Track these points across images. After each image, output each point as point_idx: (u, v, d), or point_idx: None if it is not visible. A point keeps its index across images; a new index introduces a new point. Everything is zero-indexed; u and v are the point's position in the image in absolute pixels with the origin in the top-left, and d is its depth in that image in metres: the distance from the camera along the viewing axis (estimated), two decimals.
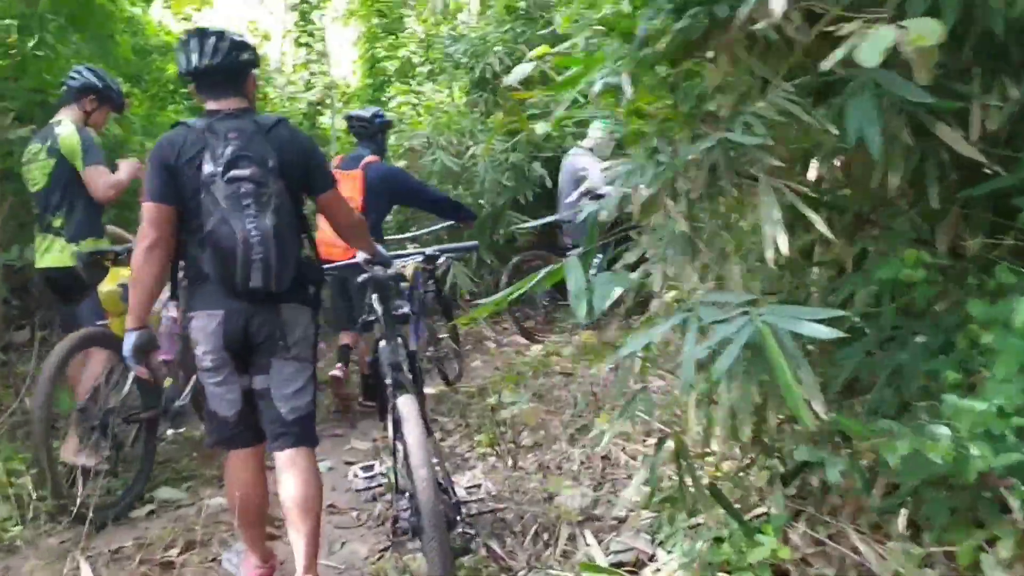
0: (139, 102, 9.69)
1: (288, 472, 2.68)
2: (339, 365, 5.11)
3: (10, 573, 3.10)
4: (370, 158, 5.06)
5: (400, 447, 2.76)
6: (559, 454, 3.90)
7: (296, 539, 2.65)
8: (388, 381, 2.86)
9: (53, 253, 4.05)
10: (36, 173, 4.02)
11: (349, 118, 5.30)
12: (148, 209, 2.62)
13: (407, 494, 2.71)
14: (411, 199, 5.47)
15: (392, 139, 8.30)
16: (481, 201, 7.77)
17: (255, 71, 2.83)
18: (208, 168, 2.54)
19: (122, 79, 9.41)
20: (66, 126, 4.01)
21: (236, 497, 2.76)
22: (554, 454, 3.91)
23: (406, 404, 2.70)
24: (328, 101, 9.60)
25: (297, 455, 2.70)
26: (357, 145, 5.25)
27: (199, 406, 3.97)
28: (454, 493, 2.90)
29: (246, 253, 2.52)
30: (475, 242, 4.02)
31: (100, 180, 3.98)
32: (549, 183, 7.58)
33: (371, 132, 5.15)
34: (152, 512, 3.74)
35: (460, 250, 4.06)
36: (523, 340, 6.91)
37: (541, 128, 2.93)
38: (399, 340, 3.02)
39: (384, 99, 10.19)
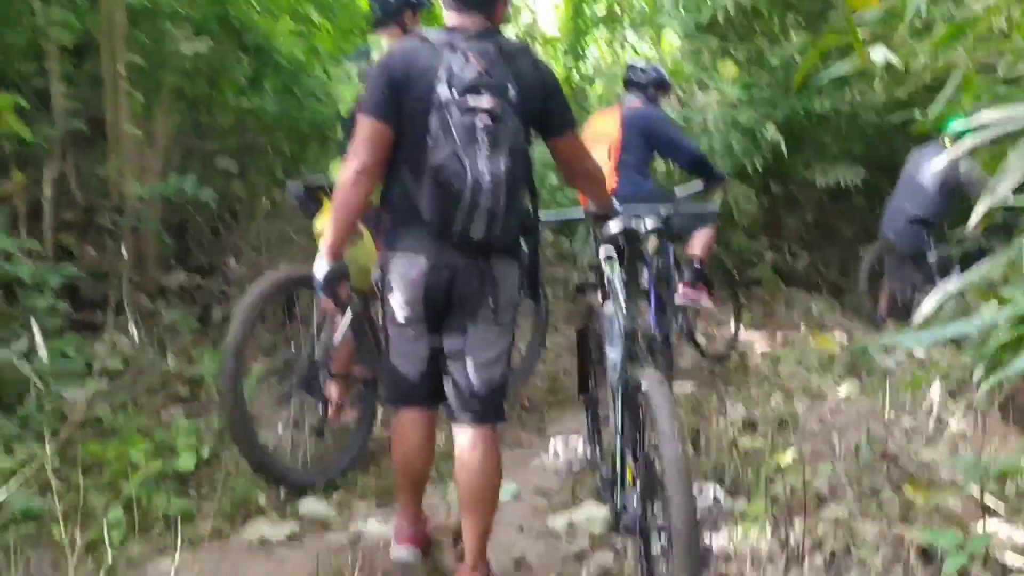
0: (327, 35, 9.21)
1: (468, 452, 2.45)
2: None
3: None
4: (633, 103, 4.89)
5: (629, 433, 2.45)
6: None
7: (467, 528, 2.47)
8: (615, 354, 2.51)
9: None
10: (347, 96, 3.78)
11: (629, 67, 5.13)
12: (365, 127, 2.36)
13: (636, 492, 2.38)
14: (669, 148, 4.93)
15: (599, 88, 7.25)
16: None
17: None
18: (442, 91, 2.26)
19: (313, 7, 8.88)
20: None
21: (400, 458, 2.61)
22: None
23: (653, 381, 2.29)
24: None
25: (480, 434, 2.45)
26: (625, 93, 5.04)
27: None
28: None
29: (474, 198, 2.26)
30: (715, 208, 3.67)
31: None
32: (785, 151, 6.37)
33: (643, 83, 4.94)
34: (293, 536, 2.86)
35: (698, 217, 3.83)
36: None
37: (879, 56, 2.48)
38: (636, 307, 2.68)
39: (582, 49, 9.25)
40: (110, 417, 3.15)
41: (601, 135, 4.72)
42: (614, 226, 2.69)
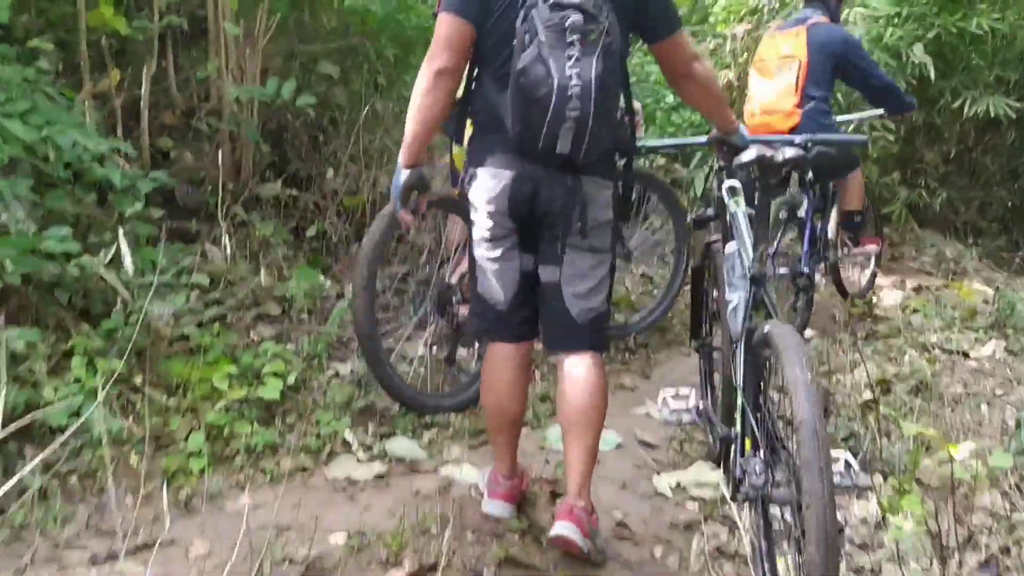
0: None
1: (573, 379, 2.29)
2: None
3: None
4: (818, 19, 4.30)
5: (751, 390, 2.20)
6: None
7: (571, 455, 2.30)
8: (737, 299, 2.29)
9: None
10: None
11: None
12: (445, 24, 2.17)
13: (759, 458, 2.08)
14: (857, 77, 4.40)
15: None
16: None
17: None
18: None
19: None
20: None
21: (490, 398, 2.43)
22: None
23: (783, 332, 2.03)
24: None
25: (585, 361, 2.29)
26: (804, 7, 4.50)
27: None
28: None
29: (560, 107, 2.02)
30: (863, 136, 3.39)
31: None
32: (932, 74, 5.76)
33: None
34: (380, 477, 2.68)
35: (842, 143, 3.51)
36: None
37: None
38: (764, 249, 2.36)
39: None
40: (197, 335, 2.99)
41: (785, 60, 4.23)
42: (746, 155, 2.39)
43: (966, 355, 4.02)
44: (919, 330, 4.32)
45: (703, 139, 2.82)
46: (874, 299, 4.95)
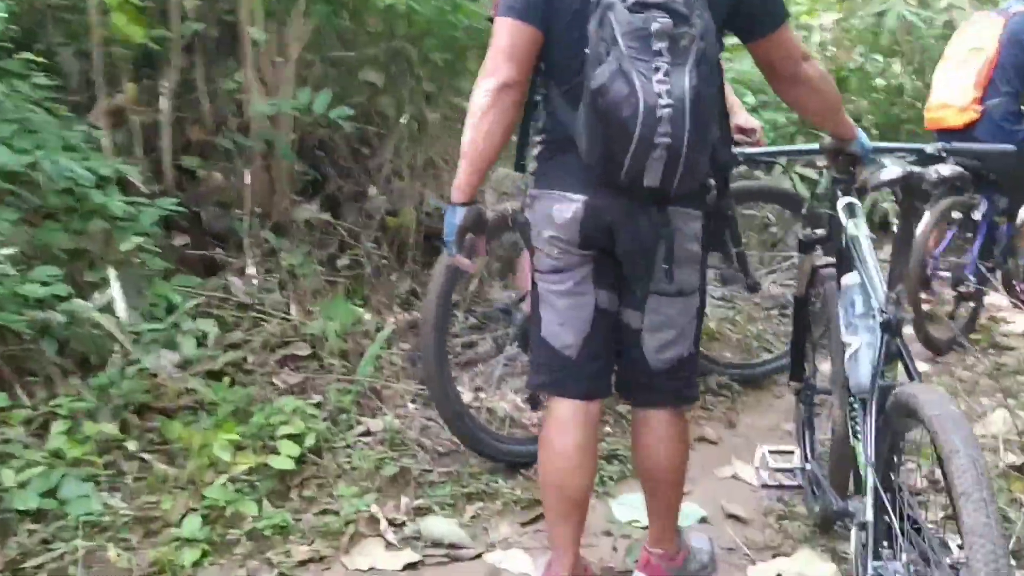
0: None
1: (653, 437, 2.04)
2: None
3: None
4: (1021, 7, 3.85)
5: (885, 469, 1.79)
6: None
7: (650, 507, 2.11)
8: (860, 347, 1.94)
9: None
10: None
11: None
12: (507, 30, 1.83)
13: (901, 563, 1.66)
14: None
15: None
16: None
17: None
18: None
19: None
20: None
21: (550, 470, 2.04)
22: None
23: (932, 401, 1.60)
24: None
25: (668, 418, 2.04)
26: None
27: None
28: None
29: (647, 130, 1.65)
30: (1009, 145, 2.70)
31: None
32: None
33: None
34: (413, 567, 2.21)
35: (984, 152, 2.91)
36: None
37: None
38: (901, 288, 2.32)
39: None
40: (205, 389, 2.58)
41: (973, 52, 3.84)
42: (888, 173, 2.09)
43: None
44: None
45: (813, 146, 2.40)
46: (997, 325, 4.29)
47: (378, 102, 4.49)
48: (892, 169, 2.08)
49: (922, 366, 3.61)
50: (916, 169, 2.08)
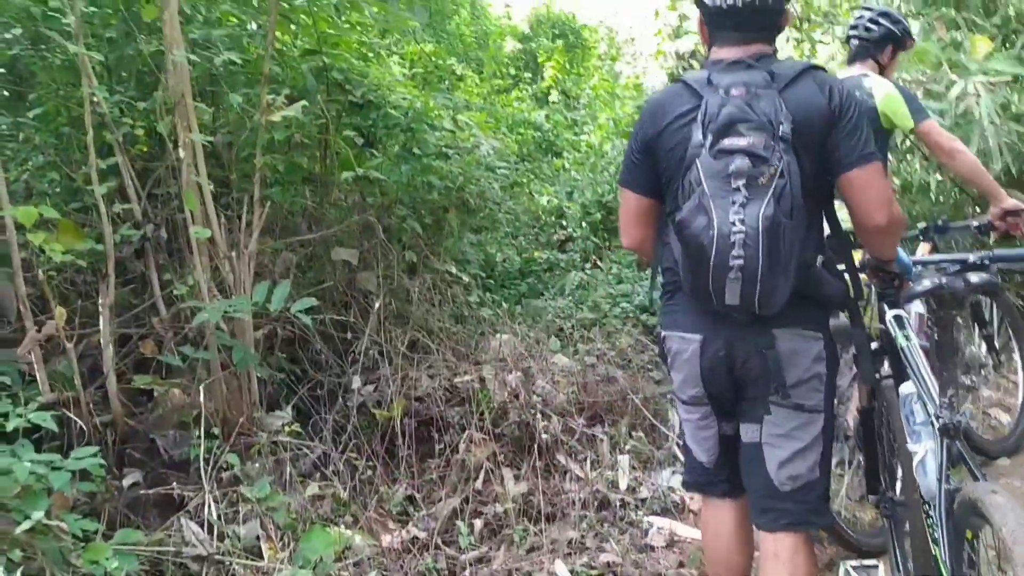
0: (475, 85, 8.32)
1: (771, 562, 2.09)
2: None
3: None
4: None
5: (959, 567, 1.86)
6: None
7: None
8: (925, 454, 2.03)
9: None
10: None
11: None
12: (625, 198, 2.27)
13: None
14: None
15: None
16: None
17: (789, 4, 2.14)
18: (696, 135, 1.96)
19: (454, 59, 7.96)
20: (878, 79, 3.52)
21: (709, 555, 2.33)
22: None
23: (997, 503, 1.71)
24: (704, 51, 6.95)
25: (788, 542, 2.08)
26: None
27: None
28: None
29: (721, 255, 1.89)
30: None
31: (943, 133, 3.48)
32: None
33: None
34: None
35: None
36: None
37: None
38: (956, 393, 2.24)
39: None
40: None
41: None
42: (919, 286, 2.28)
43: None
44: None
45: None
46: None
47: (356, 280, 4.08)
48: (923, 282, 2.21)
49: None
50: (945, 279, 2.20)
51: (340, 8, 3.92)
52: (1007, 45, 5.20)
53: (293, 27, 3.93)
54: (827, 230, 2.17)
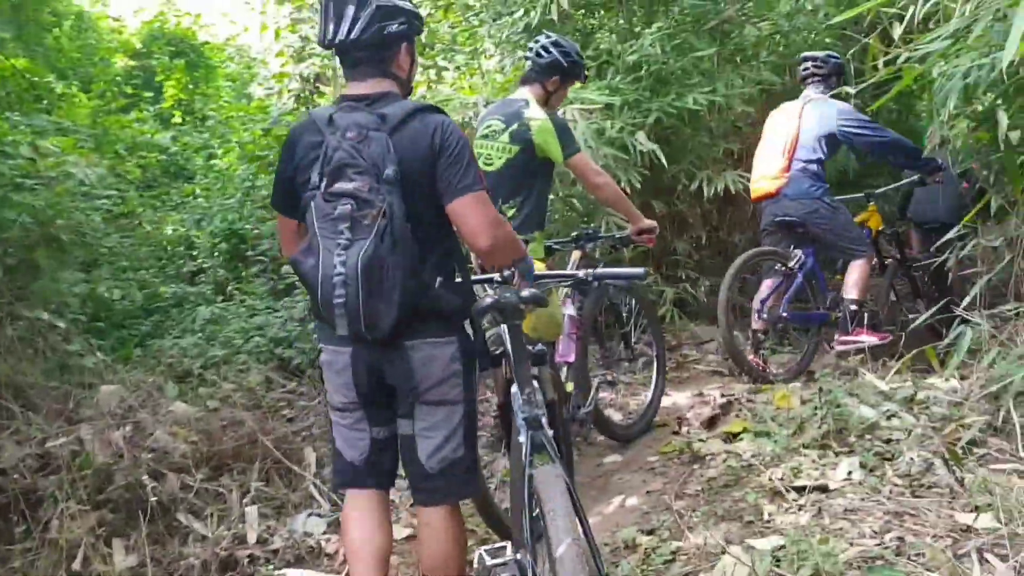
0: (81, 104, 7.49)
1: (426, 531, 2.41)
2: None
3: None
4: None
5: (542, 540, 2.09)
6: None
7: None
8: (521, 440, 2.24)
9: None
10: (493, 153, 3.71)
11: (803, 59, 5.07)
12: (278, 216, 2.45)
13: None
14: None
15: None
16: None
17: (410, 43, 2.37)
18: (314, 178, 2.18)
19: (54, 75, 7.19)
20: (536, 110, 3.69)
21: (349, 547, 2.46)
22: None
23: (547, 479, 2.07)
24: (330, 74, 6.87)
25: (439, 514, 2.39)
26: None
27: (601, 423, 4.12)
28: None
29: (326, 294, 2.12)
30: (642, 269, 2.88)
31: (590, 166, 3.82)
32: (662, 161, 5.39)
33: (824, 74, 4.93)
34: None
35: (623, 277, 3.51)
36: None
37: None
38: (535, 386, 2.37)
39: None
40: None
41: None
42: (485, 302, 2.36)
43: (825, 489, 3.21)
44: (756, 466, 3.48)
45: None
46: (687, 429, 4.11)
47: None
48: (486, 300, 2.33)
49: None
50: (507, 295, 2.32)
51: None
52: (600, 76, 5.75)
53: None
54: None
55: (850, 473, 3.29)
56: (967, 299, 3.64)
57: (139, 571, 2.98)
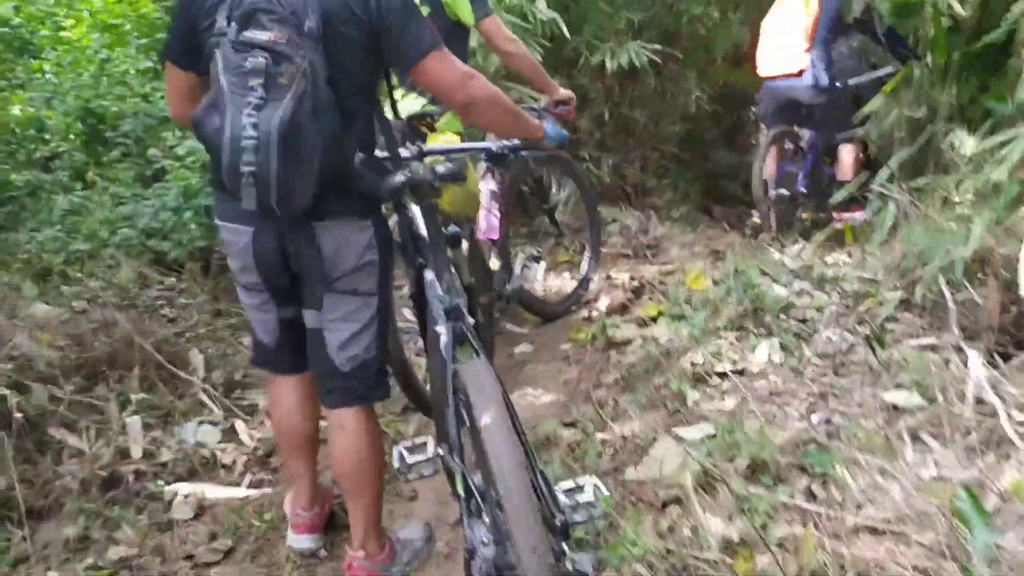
0: None
1: (338, 434, 2.24)
2: None
3: None
4: None
5: (468, 439, 1.96)
6: None
7: (350, 513, 2.31)
8: (440, 331, 2.08)
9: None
10: None
11: None
12: (168, 72, 2.09)
13: (484, 514, 1.82)
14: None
15: None
16: None
17: None
18: (220, 21, 1.85)
19: None
20: None
21: (276, 424, 2.49)
22: None
23: (474, 375, 1.88)
24: None
25: (352, 415, 2.23)
26: None
27: (526, 300, 3.96)
28: (557, 507, 1.79)
29: (233, 161, 1.82)
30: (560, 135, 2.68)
31: (503, 31, 3.50)
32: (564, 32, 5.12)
33: None
34: None
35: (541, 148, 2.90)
36: None
37: None
38: (452, 272, 2.24)
39: None
40: None
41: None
42: (397, 178, 2.09)
43: (742, 372, 3.14)
44: (674, 350, 3.37)
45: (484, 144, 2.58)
46: (605, 319, 3.95)
47: None
48: (399, 176, 2.07)
49: None
50: (421, 171, 2.09)
51: None
52: None
53: None
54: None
55: (770, 355, 3.23)
56: (883, 172, 3.57)
57: (8, 494, 2.63)
